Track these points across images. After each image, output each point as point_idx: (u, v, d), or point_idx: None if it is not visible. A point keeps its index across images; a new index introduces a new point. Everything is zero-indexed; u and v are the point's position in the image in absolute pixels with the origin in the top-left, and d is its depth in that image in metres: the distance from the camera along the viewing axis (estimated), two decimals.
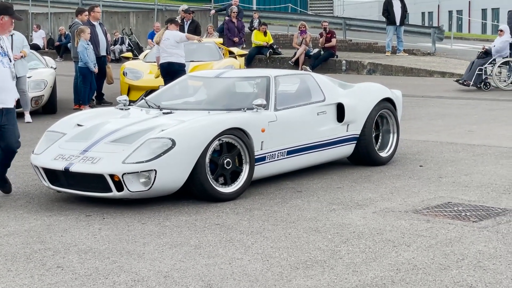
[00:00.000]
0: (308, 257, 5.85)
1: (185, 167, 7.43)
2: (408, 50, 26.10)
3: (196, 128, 7.66)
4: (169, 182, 7.44)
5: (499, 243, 6.09)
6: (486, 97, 16.90)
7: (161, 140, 7.45)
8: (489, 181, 8.39)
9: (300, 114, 8.71)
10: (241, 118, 8.02)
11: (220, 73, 9.57)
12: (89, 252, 6.06)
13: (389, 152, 9.64)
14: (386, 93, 9.74)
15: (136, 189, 7.33)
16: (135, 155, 7.36)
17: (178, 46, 14.63)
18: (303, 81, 9.33)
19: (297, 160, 8.65)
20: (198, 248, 6.12)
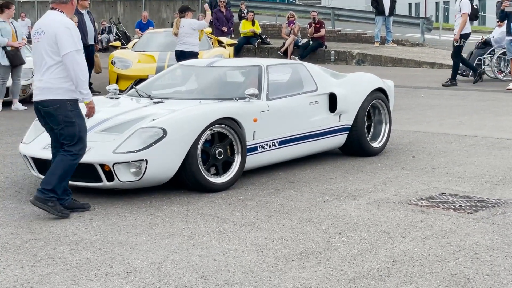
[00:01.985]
0: (303, 248, 5.78)
1: (176, 157, 7.35)
2: (397, 41, 26.05)
3: (188, 118, 7.56)
4: (160, 172, 7.35)
5: (495, 234, 6.03)
6: (476, 87, 16.86)
7: (152, 129, 7.36)
8: (482, 172, 8.34)
9: (292, 104, 8.64)
10: (233, 108, 7.92)
11: (211, 62, 9.46)
12: (81, 243, 5.97)
13: (381, 142, 9.58)
14: (378, 83, 9.68)
15: (126, 179, 7.23)
16: (125, 145, 7.26)
17: (192, 34, 14.65)
18: (295, 70, 9.25)
19: (289, 150, 8.58)
20: (191, 239, 6.04)
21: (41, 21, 6.80)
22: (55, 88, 6.61)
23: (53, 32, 6.56)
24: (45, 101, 6.64)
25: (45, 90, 6.63)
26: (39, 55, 6.69)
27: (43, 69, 6.65)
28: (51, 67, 6.61)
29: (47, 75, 6.63)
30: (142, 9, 30.33)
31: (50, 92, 6.62)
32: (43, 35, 6.64)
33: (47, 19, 6.72)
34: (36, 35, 6.72)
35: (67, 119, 6.64)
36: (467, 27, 16.65)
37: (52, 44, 6.58)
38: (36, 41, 6.70)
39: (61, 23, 6.60)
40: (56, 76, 6.61)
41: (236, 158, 7.84)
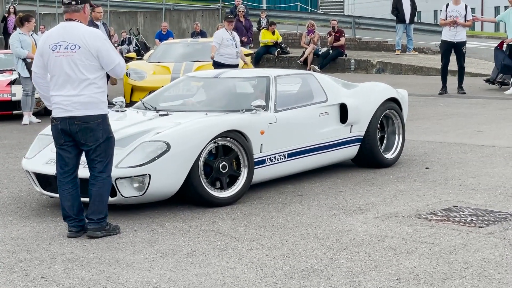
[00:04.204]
0: (305, 266, 5.58)
1: (180, 171, 7.15)
2: (418, 49, 25.76)
3: (192, 131, 7.39)
4: (164, 187, 7.16)
5: (505, 250, 5.80)
6: (497, 96, 16.55)
7: (155, 143, 7.18)
8: (497, 183, 8.09)
9: (301, 115, 8.45)
10: (238, 120, 7.75)
11: (219, 73, 9.27)
12: (76, 261, 5.81)
13: (394, 153, 9.36)
14: (391, 93, 9.45)
15: (129, 194, 7.05)
16: (128, 159, 7.08)
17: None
18: (305, 81, 9.06)
19: (299, 163, 8.37)
20: (190, 257, 5.86)
21: (64, 33, 6.42)
22: (98, 102, 6.41)
23: (94, 47, 6.35)
24: (87, 116, 6.37)
25: (87, 104, 6.37)
26: (69, 70, 6.37)
27: (81, 83, 6.36)
28: (93, 81, 6.38)
29: (89, 89, 6.37)
30: (162, 19, 30.28)
31: (94, 106, 6.39)
32: (77, 49, 6.35)
33: (75, 32, 6.40)
34: (60, 49, 6.39)
35: (107, 134, 6.49)
36: None
37: (91, 58, 6.36)
38: (62, 55, 6.38)
39: (98, 35, 6.44)
40: (98, 90, 6.41)
41: (243, 172, 7.63)
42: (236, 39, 15.05)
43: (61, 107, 6.44)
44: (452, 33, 16.63)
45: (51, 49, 6.42)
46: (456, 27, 16.57)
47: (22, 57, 13.95)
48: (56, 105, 6.48)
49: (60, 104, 6.44)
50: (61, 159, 6.55)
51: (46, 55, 6.45)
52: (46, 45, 6.46)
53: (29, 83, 13.97)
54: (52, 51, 6.42)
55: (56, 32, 6.49)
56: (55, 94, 6.48)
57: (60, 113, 6.45)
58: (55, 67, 6.43)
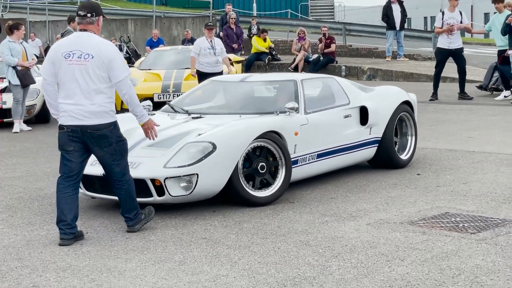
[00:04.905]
0: (297, 273, 5.57)
1: (225, 171, 7.40)
2: (409, 55, 25.83)
3: (235, 132, 7.65)
4: (210, 186, 7.40)
5: (497, 256, 5.80)
6: (487, 102, 16.59)
7: (201, 144, 7.43)
8: (488, 190, 8.11)
9: (328, 117, 8.76)
10: (277, 122, 8.03)
11: (244, 77, 9.60)
12: (68, 269, 5.79)
13: (408, 155, 9.67)
14: (404, 96, 9.83)
15: (177, 193, 7.28)
16: (175, 159, 7.32)
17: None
18: (327, 84, 9.39)
19: (326, 164, 8.66)
20: (182, 264, 5.85)
21: (79, 43, 6.52)
22: (108, 110, 6.58)
23: (106, 58, 6.46)
24: (100, 125, 6.53)
25: (98, 113, 6.52)
26: (80, 78, 6.47)
27: (91, 92, 6.48)
28: (104, 90, 6.51)
29: (100, 98, 6.50)
30: (153, 27, 30.27)
31: (105, 115, 6.55)
32: (90, 59, 6.46)
33: (90, 42, 6.51)
34: (73, 57, 6.49)
35: (119, 138, 6.67)
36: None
37: (103, 69, 6.48)
38: (75, 63, 6.48)
39: (112, 48, 6.58)
40: (108, 100, 6.56)
41: (281, 172, 7.86)
42: (216, 47, 14.95)
43: (72, 115, 6.53)
44: (449, 40, 16.67)
45: (64, 57, 6.52)
46: (453, 34, 16.62)
47: (12, 65, 13.92)
48: (65, 113, 6.57)
49: (71, 112, 6.53)
50: (66, 165, 6.64)
51: (58, 63, 6.53)
52: (59, 53, 6.55)
53: (19, 91, 13.95)
54: (65, 59, 6.51)
55: (70, 41, 6.62)
56: (64, 102, 6.57)
57: (70, 121, 6.55)
58: (66, 75, 6.52)
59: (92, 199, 7.98)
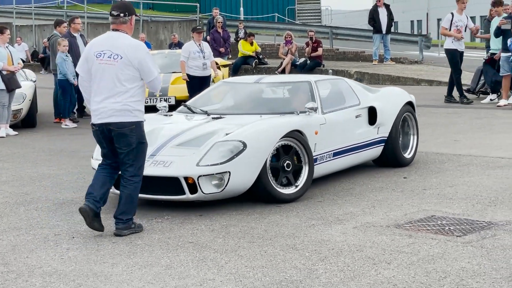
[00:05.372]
0: (284, 277, 5.58)
1: (254, 169, 7.63)
2: (396, 59, 25.91)
3: (264, 130, 7.92)
4: (240, 184, 7.62)
5: (483, 259, 5.82)
6: (474, 105, 16.65)
7: (231, 142, 7.65)
8: (474, 192, 8.14)
9: (342, 117, 9.05)
10: (301, 121, 8.29)
11: (258, 79, 9.79)
12: (54, 274, 5.77)
13: (411, 153, 9.98)
14: (408, 97, 10.18)
15: (209, 191, 7.49)
16: (207, 158, 7.53)
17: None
18: (338, 85, 9.69)
19: (340, 162, 8.94)
20: (168, 269, 5.84)
21: (109, 43, 6.76)
22: (133, 110, 6.73)
23: (135, 58, 6.66)
24: (122, 123, 6.71)
25: (122, 112, 6.71)
26: (109, 77, 6.70)
27: (118, 91, 6.70)
28: (130, 90, 6.71)
29: (125, 97, 6.71)
30: (140, 30, 30.23)
31: (129, 113, 6.72)
32: (119, 59, 6.66)
33: (119, 42, 6.72)
34: (103, 57, 6.70)
35: (140, 140, 6.80)
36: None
37: (131, 69, 6.67)
38: (105, 63, 6.69)
39: (141, 48, 6.77)
40: (134, 99, 6.73)
41: (304, 169, 8.11)
42: (205, 50, 15.00)
43: (97, 114, 6.79)
44: (460, 42, 16.70)
45: (95, 56, 6.74)
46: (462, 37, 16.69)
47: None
48: (94, 112, 6.85)
49: (98, 111, 6.79)
50: (105, 157, 6.99)
51: (91, 61, 6.78)
52: (91, 52, 6.79)
53: (5, 95, 13.88)
54: (96, 58, 6.74)
55: (102, 40, 6.86)
56: (93, 100, 6.84)
57: (97, 120, 6.81)
58: (97, 73, 6.75)
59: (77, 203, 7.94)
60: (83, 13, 33.87)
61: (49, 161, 10.93)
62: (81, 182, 9.29)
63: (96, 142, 7.19)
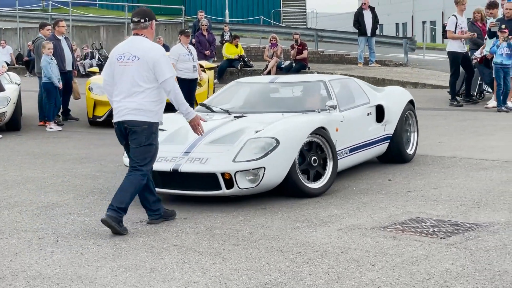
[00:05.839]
0: (268, 279, 5.58)
1: (286, 164, 7.96)
2: (381, 61, 25.96)
3: (294, 128, 8.26)
4: (273, 179, 7.92)
5: (467, 260, 5.85)
6: (459, 108, 16.70)
7: (264, 139, 7.97)
8: (458, 194, 8.17)
9: (357, 115, 9.41)
10: (324, 118, 8.65)
11: (272, 79, 10.21)
12: (38, 278, 5.75)
13: (412, 149, 10.41)
14: (409, 96, 10.64)
15: (245, 186, 7.79)
16: (242, 154, 7.83)
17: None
18: (349, 84, 10.04)
19: (355, 158, 9.29)
20: (153, 272, 5.83)
21: (129, 46, 7.11)
22: (147, 110, 7.00)
23: (151, 59, 6.97)
24: (135, 121, 6.98)
25: (137, 111, 6.99)
26: (127, 78, 7.00)
27: (134, 91, 7.00)
28: (145, 91, 7.00)
29: (140, 97, 7.00)
30: (125, 33, 30.16)
31: (142, 113, 7.00)
32: (136, 60, 6.98)
33: (139, 45, 7.07)
34: (124, 59, 7.03)
35: (149, 141, 7.02)
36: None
37: (148, 70, 6.98)
38: (124, 64, 7.01)
39: (157, 50, 7.06)
40: (149, 99, 7.01)
41: (329, 164, 8.44)
42: (193, 53, 15.03)
43: (116, 112, 7.12)
44: (462, 44, 16.77)
45: (117, 59, 7.10)
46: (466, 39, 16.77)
47: None
48: (114, 111, 7.18)
49: (116, 109, 7.12)
50: (129, 156, 7.19)
51: (113, 64, 7.12)
52: (114, 55, 7.15)
53: None
54: (117, 60, 7.09)
55: (124, 45, 7.24)
56: (114, 100, 7.15)
57: (116, 118, 7.12)
58: (118, 75, 7.09)
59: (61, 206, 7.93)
60: (68, 16, 33.80)
61: (33, 164, 10.90)
62: (65, 185, 9.27)
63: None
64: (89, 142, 13.14)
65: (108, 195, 8.62)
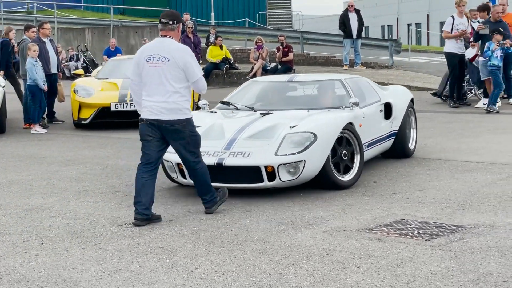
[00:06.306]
0: (253, 281, 5.58)
1: (322, 157, 8.41)
2: (366, 63, 26.03)
3: (328, 123, 8.73)
4: (311, 171, 8.35)
5: (451, 262, 5.87)
6: (443, 109, 16.78)
7: (302, 134, 8.41)
8: (443, 196, 8.19)
9: (372, 112, 9.86)
10: (351, 114, 9.09)
11: (291, 77, 10.55)
12: (22, 281, 5.73)
13: (413, 145, 10.92)
14: (411, 94, 11.28)
15: (286, 178, 8.22)
16: (283, 148, 8.26)
17: None
18: (361, 83, 10.48)
19: (370, 153, 9.68)
20: (138, 274, 5.82)
21: (158, 47, 7.40)
22: (182, 108, 7.38)
23: (181, 60, 7.32)
24: (174, 120, 7.37)
25: (173, 110, 7.36)
26: (159, 79, 7.32)
27: (167, 92, 7.33)
28: (179, 90, 7.35)
29: (175, 97, 7.35)
30: (110, 36, 30.13)
31: (179, 112, 7.37)
32: (166, 62, 7.31)
33: (168, 47, 7.38)
34: (153, 60, 7.33)
35: (192, 133, 7.47)
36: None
37: (179, 71, 7.33)
38: (154, 65, 7.32)
39: (186, 51, 7.41)
40: (183, 98, 7.39)
41: (356, 158, 8.90)
42: None
43: (151, 110, 7.38)
44: (460, 45, 16.81)
45: (146, 60, 7.37)
46: (462, 40, 16.78)
47: None
48: (146, 109, 7.43)
49: (150, 108, 7.38)
50: (146, 153, 7.48)
51: (141, 65, 7.39)
52: (142, 56, 7.41)
53: None
54: (146, 62, 7.37)
55: (152, 46, 7.51)
56: (145, 99, 7.42)
57: (149, 116, 7.40)
58: (147, 76, 7.37)
59: (46, 209, 7.91)
60: (53, 18, 33.71)
61: (18, 167, 10.86)
62: (50, 188, 9.24)
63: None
64: (74, 145, 13.11)
65: (94, 198, 8.61)
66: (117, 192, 8.93)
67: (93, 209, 8.05)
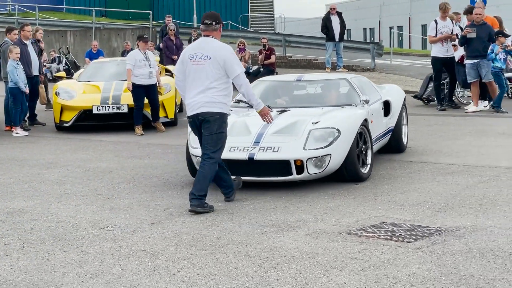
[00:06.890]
0: (236, 284, 5.58)
1: (345, 152, 8.91)
2: (348, 66, 26.09)
3: (349, 119, 9.23)
4: (336, 164, 8.87)
5: (433, 264, 5.89)
6: (425, 112, 16.85)
7: (326, 130, 8.90)
8: (425, 199, 8.23)
9: (376, 109, 10.36)
10: (365, 111, 9.59)
11: (299, 77, 10.94)
12: (3, 284, 5.70)
13: (405, 140, 11.58)
14: (404, 93, 11.99)
15: (313, 171, 8.72)
16: (310, 143, 8.73)
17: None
18: (363, 82, 10.99)
19: (376, 147, 10.12)
20: (120, 277, 5.80)
21: (201, 46, 7.87)
22: (218, 102, 7.80)
23: (222, 58, 7.75)
24: (207, 113, 7.79)
25: (209, 103, 7.78)
26: (201, 75, 7.80)
27: (207, 87, 7.78)
28: (217, 86, 7.79)
29: (212, 92, 7.79)
30: (92, 38, 30.05)
31: (214, 105, 7.79)
32: (208, 60, 7.77)
33: (209, 46, 7.84)
34: (196, 58, 7.82)
35: (220, 129, 7.83)
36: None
37: (219, 68, 7.76)
38: (196, 63, 7.80)
39: (227, 49, 7.86)
40: (220, 93, 7.81)
41: (369, 152, 9.48)
42: (150, 58, 14.90)
43: (190, 107, 7.89)
44: (445, 49, 16.88)
45: (189, 58, 7.89)
46: (447, 42, 16.83)
47: None
48: (188, 106, 7.96)
49: (190, 104, 7.90)
50: (202, 144, 7.96)
51: (186, 63, 7.92)
52: (186, 55, 7.95)
53: None
54: (189, 60, 7.89)
55: (195, 45, 8.01)
56: (188, 96, 7.93)
57: (190, 112, 7.90)
58: (190, 73, 7.88)
59: (27, 212, 7.87)
60: (35, 20, 33.57)
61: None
62: (31, 191, 9.20)
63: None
64: (55, 147, 13.06)
65: (75, 200, 8.58)
66: (99, 195, 8.90)
67: (74, 212, 8.02)
